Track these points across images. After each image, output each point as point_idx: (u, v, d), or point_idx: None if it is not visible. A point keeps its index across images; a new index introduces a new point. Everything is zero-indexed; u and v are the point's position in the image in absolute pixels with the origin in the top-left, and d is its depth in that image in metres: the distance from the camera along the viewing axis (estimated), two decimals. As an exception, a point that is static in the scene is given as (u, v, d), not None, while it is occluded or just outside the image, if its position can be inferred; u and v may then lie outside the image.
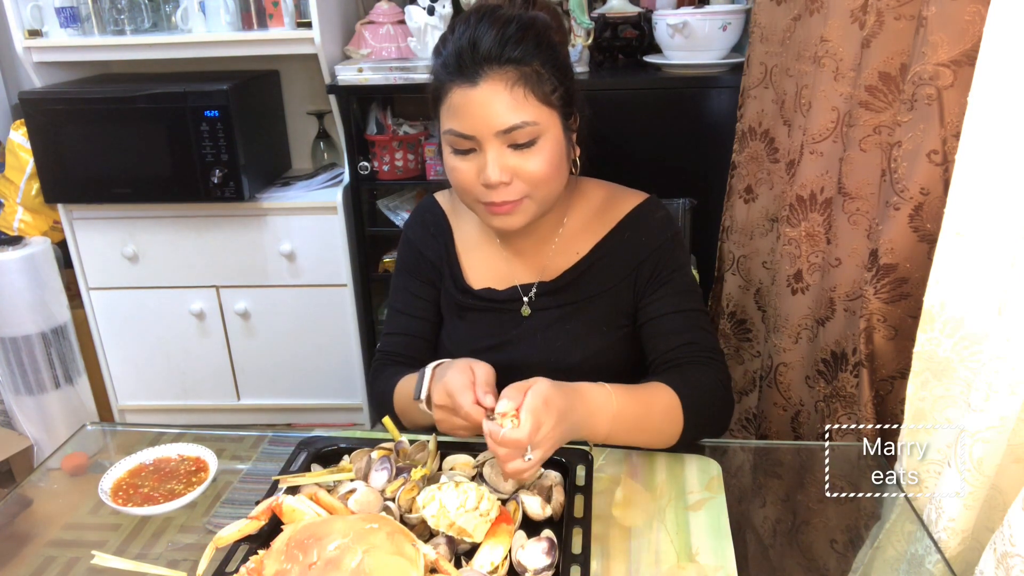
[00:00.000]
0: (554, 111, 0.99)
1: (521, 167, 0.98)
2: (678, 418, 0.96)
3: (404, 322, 1.19)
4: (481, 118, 0.95)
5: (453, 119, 0.98)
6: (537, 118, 0.97)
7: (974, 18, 0.91)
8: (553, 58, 0.99)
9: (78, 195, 2.21)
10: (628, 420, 0.92)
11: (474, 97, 0.95)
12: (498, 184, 0.97)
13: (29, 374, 2.17)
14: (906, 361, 0.96)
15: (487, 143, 0.96)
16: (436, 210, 1.21)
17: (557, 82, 0.99)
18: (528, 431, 0.79)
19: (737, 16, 1.91)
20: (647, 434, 0.96)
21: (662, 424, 0.96)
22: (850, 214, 1.20)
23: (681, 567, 0.83)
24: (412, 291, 1.19)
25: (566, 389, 0.86)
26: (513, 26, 0.97)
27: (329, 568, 0.70)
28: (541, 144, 0.98)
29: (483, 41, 0.95)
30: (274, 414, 2.50)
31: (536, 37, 0.98)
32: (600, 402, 0.90)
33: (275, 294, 2.32)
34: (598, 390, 0.91)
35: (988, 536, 0.77)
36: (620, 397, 0.91)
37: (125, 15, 2.16)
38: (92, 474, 1.04)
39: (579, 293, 1.11)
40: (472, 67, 0.95)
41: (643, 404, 0.94)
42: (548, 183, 1.00)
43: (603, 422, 0.90)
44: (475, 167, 0.99)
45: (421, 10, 2.11)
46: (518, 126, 0.95)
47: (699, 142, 1.98)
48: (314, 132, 2.46)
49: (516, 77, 0.95)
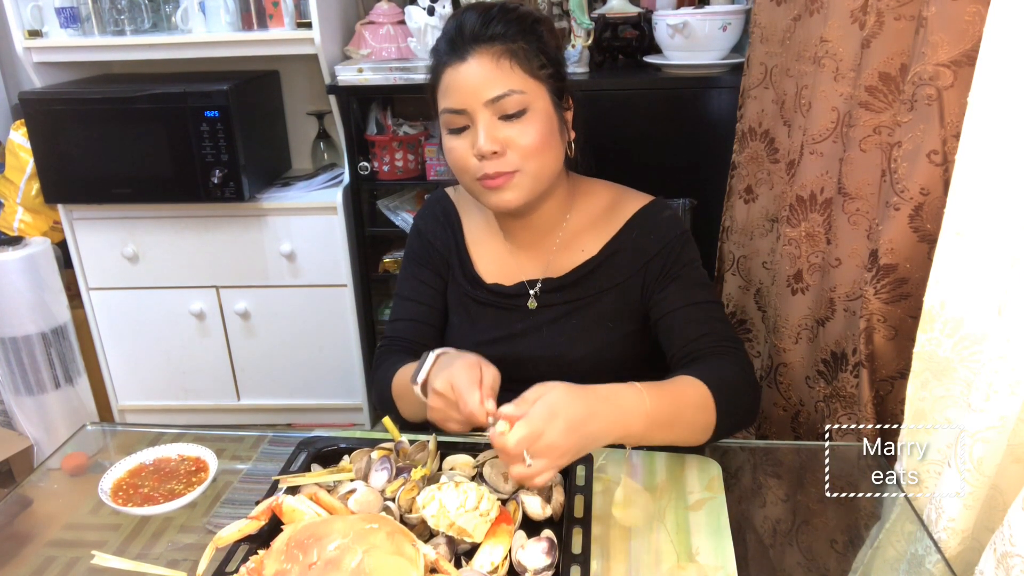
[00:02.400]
0: (541, 84, 1.03)
1: (512, 138, 1.00)
2: (711, 409, 0.93)
3: (411, 308, 1.20)
4: (470, 90, 1.00)
5: (446, 98, 1.03)
6: (523, 87, 1.00)
7: (974, 18, 0.91)
8: (538, 41, 1.04)
9: (78, 195, 2.22)
10: (663, 417, 0.88)
11: (463, 71, 1.00)
12: (490, 154, 1.00)
13: (29, 374, 2.17)
14: (906, 361, 0.96)
15: (477, 114, 1.00)
16: (447, 203, 1.23)
17: (544, 60, 1.03)
18: (517, 439, 0.77)
19: (737, 16, 1.91)
20: (682, 429, 0.93)
21: (696, 417, 0.93)
22: (850, 214, 1.20)
23: (681, 567, 0.83)
24: (420, 279, 1.20)
25: (589, 396, 0.83)
26: (496, 9, 1.04)
27: (329, 568, 0.70)
28: (530, 116, 1.01)
29: (468, 22, 1.02)
30: (274, 414, 2.50)
31: (518, 20, 1.03)
32: (632, 403, 0.86)
33: (275, 294, 2.33)
34: (628, 391, 0.87)
35: (988, 536, 0.77)
36: (652, 395, 0.88)
37: (125, 15, 2.16)
38: (92, 474, 1.04)
39: (586, 290, 1.12)
40: (460, 46, 1.01)
41: (675, 399, 0.91)
42: (539, 155, 1.02)
43: (637, 423, 0.86)
44: (469, 143, 1.02)
45: (421, 10, 2.11)
46: (505, 94, 0.99)
47: (699, 142, 1.98)
48: (314, 132, 2.46)
49: (502, 51, 1.00)
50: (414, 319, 1.19)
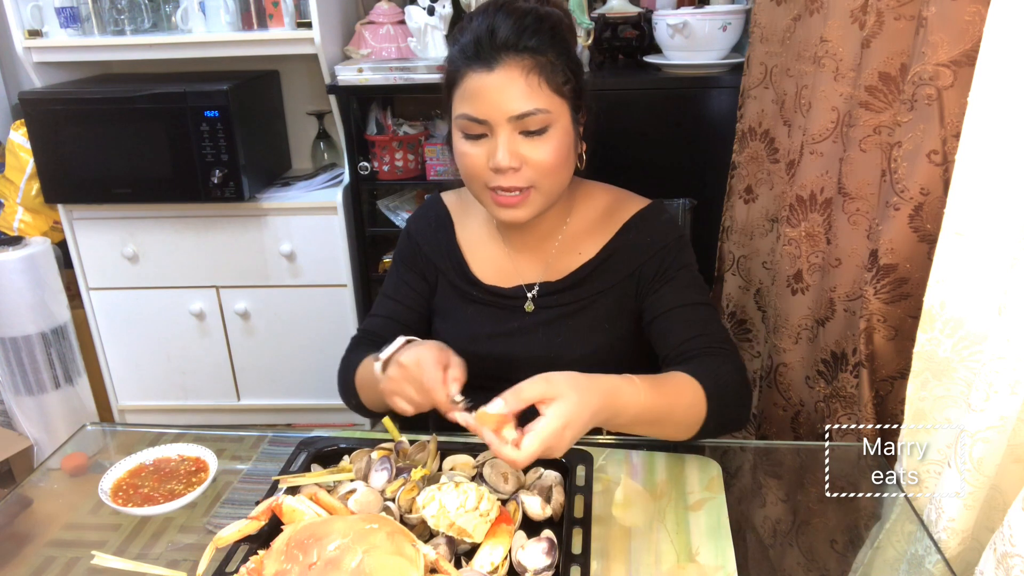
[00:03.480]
0: (565, 102, 1.01)
1: (530, 154, 0.99)
2: (701, 408, 0.93)
3: (390, 306, 1.20)
4: (495, 103, 0.97)
5: (467, 103, 1.00)
6: (549, 106, 0.98)
7: (974, 18, 0.91)
8: (566, 51, 1.02)
9: (78, 195, 2.21)
10: (653, 414, 0.88)
11: (489, 82, 0.97)
12: (507, 169, 0.99)
13: (29, 374, 2.17)
14: (906, 361, 0.96)
15: (499, 128, 0.98)
16: (440, 208, 1.22)
17: (570, 74, 1.01)
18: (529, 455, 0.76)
19: (737, 16, 1.91)
20: (666, 427, 0.93)
21: (685, 416, 0.93)
22: (850, 214, 1.20)
23: (681, 567, 0.83)
24: (404, 279, 1.21)
25: (593, 397, 0.80)
26: (530, 17, 1.00)
27: (329, 568, 0.70)
28: (551, 133, 0.99)
29: (501, 29, 0.98)
30: (274, 414, 2.50)
31: (551, 29, 1.01)
32: (628, 399, 0.85)
33: (275, 294, 2.32)
34: (628, 387, 0.85)
35: (988, 536, 0.77)
36: (648, 393, 0.87)
37: (125, 15, 2.16)
38: (92, 474, 1.04)
39: (583, 293, 1.12)
40: (489, 53, 0.98)
41: (669, 396, 0.90)
42: (555, 173, 1.02)
43: (627, 415, 0.85)
44: (485, 152, 1.00)
45: (421, 10, 2.11)
46: (531, 112, 0.97)
47: (699, 142, 1.98)
48: (314, 132, 2.46)
49: (531, 65, 0.97)
50: (390, 317, 1.19)
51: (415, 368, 0.88)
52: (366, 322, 1.22)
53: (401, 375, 0.90)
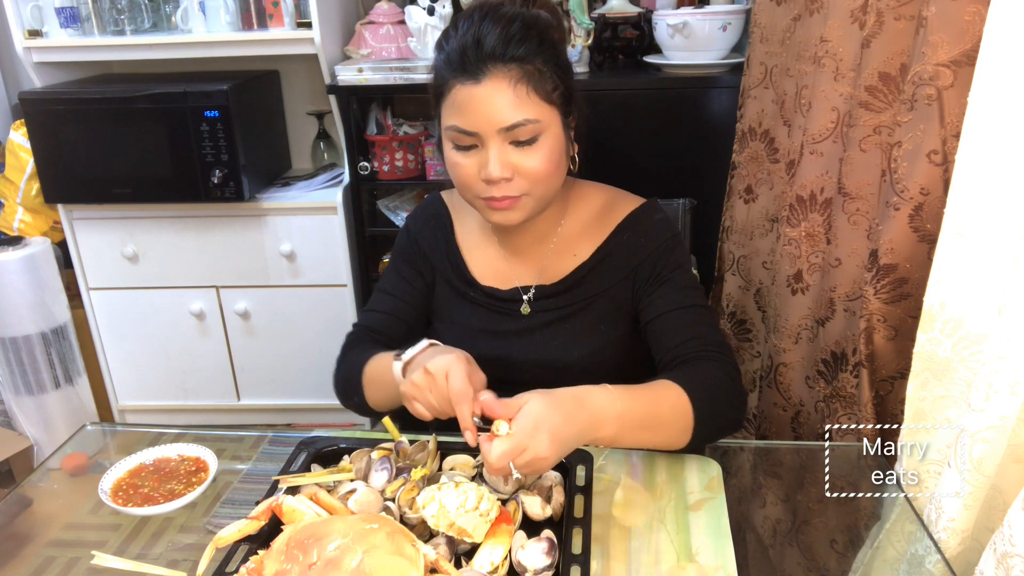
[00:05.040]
0: (555, 109, 1.00)
1: (522, 164, 0.98)
2: (687, 414, 0.92)
3: (389, 302, 1.19)
4: (484, 115, 0.96)
5: (456, 115, 0.98)
6: (539, 116, 0.97)
7: (974, 18, 0.91)
8: (555, 56, 1.00)
9: (78, 195, 2.21)
10: (634, 421, 0.88)
11: (477, 94, 0.96)
12: (499, 180, 0.98)
13: (29, 374, 2.17)
14: (906, 361, 0.96)
15: (489, 140, 0.97)
16: (440, 207, 1.22)
17: (558, 80, 1.00)
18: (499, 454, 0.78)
19: (737, 16, 1.91)
20: (656, 433, 0.93)
21: (671, 421, 0.93)
22: (850, 214, 1.20)
23: (681, 567, 0.83)
24: (402, 275, 1.20)
25: (563, 400, 0.83)
26: (517, 24, 0.98)
27: (329, 568, 0.70)
28: (542, 142, 0.99)
29: (487, 39, 0.96)
30: (274, 414, 2.50)
31: (539, 36, 0.99)
32: (602, 405, 0.86)
33: (275, 294, 2.32)
34: (600, 393, 0.87)
35: (988, 536, 0.77)
36: (624, 398, 0.88)
37: (125, 15, 2.16)
38: (92, 474, 1.04)
39: (578, 295, 1.12)
40: (476, 64, 0.96)
41: (649, 403, 0.91)
42: (547, 180, 1.01)
43: (609, 425, 0.86)
44: (476, 163, 0.99)
45: (421, 10, 2.11)
46: (520, 123, 0.96)
47: (699, 142, 1.98)
48: (314, 132, 2.46)
49: (519, 75, 0.96)
50: (388, 312, 1.19)
51: (442, 379, 0.86)
52: (363, 317, 1.20)
53: (427, 383, 0.88)
